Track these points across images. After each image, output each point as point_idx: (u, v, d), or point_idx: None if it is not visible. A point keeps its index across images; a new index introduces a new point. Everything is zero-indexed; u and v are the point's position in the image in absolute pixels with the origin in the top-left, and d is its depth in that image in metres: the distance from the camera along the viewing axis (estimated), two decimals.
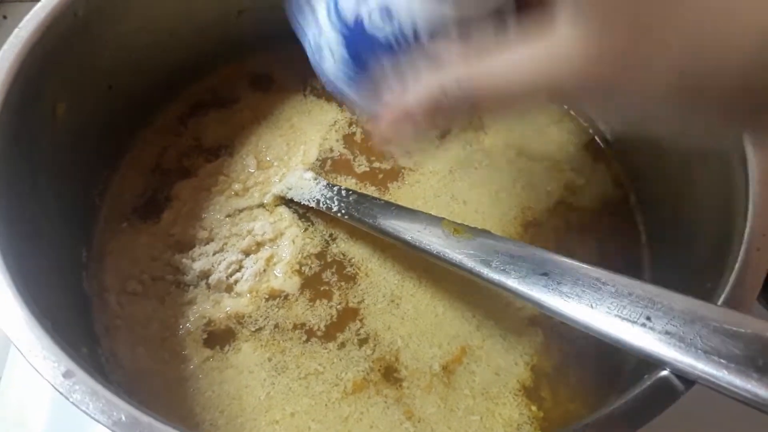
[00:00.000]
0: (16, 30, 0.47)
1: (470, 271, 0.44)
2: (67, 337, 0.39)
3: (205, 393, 0.48)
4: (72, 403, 0.34)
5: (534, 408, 0.48)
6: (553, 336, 0.51)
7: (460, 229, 0.47)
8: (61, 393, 0.35)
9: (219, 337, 0.51)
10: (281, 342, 0.51)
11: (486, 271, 0.43)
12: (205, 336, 0.51)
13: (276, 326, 0.51)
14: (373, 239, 0.55)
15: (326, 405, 0.48)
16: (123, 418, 0.34)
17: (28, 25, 0.48)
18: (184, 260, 0.54)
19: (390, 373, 0.49)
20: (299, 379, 0.49)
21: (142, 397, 0.47)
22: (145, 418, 0.34)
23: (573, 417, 0.48)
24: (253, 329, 0.51)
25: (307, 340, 0.51)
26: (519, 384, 0.49)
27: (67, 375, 0.35)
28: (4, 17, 0.82)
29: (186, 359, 0.50)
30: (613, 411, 0.35)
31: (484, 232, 0.46)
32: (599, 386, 0.49)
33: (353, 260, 0.55)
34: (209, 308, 0.52)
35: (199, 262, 0.54)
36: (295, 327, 0.51)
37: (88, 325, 0.51)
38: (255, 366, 0.50)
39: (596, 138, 0.63)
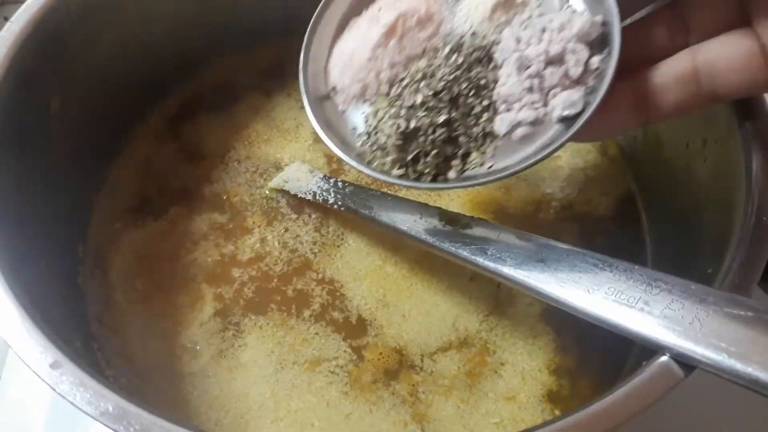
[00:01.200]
0: (8, 24, 0.47)
1: (465, 260, 0.43)
2: (57, 329, 0.38)
3: (212, 390, 0.48)
4: (59, 394, 0.34)
5: (557, 412, 0.47)
6: (567, 329, 0.49)
7: (456, 218, 0.46)
8: (47, 383, 0.34)
9: (228, 329, 0.51)
10: (282, 332, 0.50)
11: (482, 259, 0.42)
12: (215, 328, 0.51)
13: (276, 316, 0.51)
14: (368, 232, 0.55)
15: (328, 403, 0.47)
16: (110, 408, 0.33)
17: (20, 18, 0.47)
18: (189, 256, 0.54)
19: (395, 374, 0.48)
20: (302, 374, 0.48)
21: (147, 395, 0.48)
22: (133, 409, 0.33)
23: None
24: (255, 320, 0.51)
25: (307, 329, 0.51)
26: (544, 388, 0.48)
27: (54, 366, 0.35)
28: (5, 18, 0.82)
29: (198, 354, 0.50)
30: (610, 398, 0.34)
31: (480, 221, 0.45)
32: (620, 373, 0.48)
33: (351, 255, 0.54)
34: (217, 301, 0.52)
35: (203, 256, 0.54)
36: (296, 314, 0.51)
37: (83, 319, 0.51)
38: (261, 360, 0.49)
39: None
